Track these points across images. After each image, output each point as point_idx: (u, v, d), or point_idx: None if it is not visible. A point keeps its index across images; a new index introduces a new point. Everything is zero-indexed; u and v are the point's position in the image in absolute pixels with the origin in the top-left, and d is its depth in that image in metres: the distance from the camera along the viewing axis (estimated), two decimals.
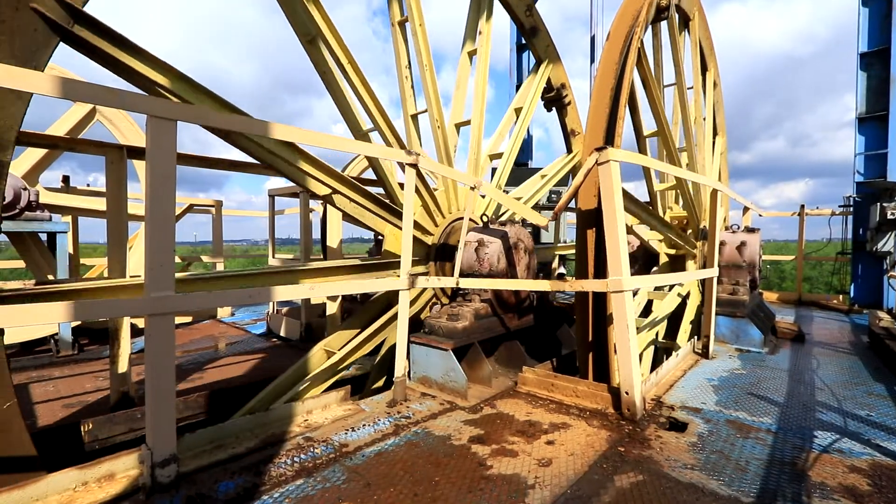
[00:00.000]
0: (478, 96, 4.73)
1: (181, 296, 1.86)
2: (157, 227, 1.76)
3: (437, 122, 4.36)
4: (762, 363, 4.04)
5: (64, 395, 4.10)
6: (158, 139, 1.75)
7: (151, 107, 1.73)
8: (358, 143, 3.29)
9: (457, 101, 5.07)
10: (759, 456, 2.28)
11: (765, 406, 2.98)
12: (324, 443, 2.33)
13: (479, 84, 4.75)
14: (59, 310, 1.62)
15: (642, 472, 2.09)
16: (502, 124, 5.65)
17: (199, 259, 9.02)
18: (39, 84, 1.55)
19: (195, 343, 6.06)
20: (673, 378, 3.52)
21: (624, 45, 3.64)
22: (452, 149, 4.72)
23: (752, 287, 5.22)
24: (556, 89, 5.97)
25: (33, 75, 1.55)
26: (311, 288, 2.52)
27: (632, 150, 3.45)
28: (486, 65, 4.69)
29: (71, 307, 1.62)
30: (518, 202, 4.22)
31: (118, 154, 3.75)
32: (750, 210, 5.89)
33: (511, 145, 5.31)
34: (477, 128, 4.74)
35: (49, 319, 1.67)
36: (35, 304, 1.58)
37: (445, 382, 3.22)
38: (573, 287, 3.05)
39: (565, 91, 5.99)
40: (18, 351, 5.57)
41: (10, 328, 3.85)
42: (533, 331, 4.36)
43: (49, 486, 1.75)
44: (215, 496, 1.83)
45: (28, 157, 6.50)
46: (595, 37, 9.11)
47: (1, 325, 1.52)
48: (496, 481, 1.99)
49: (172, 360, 1.83)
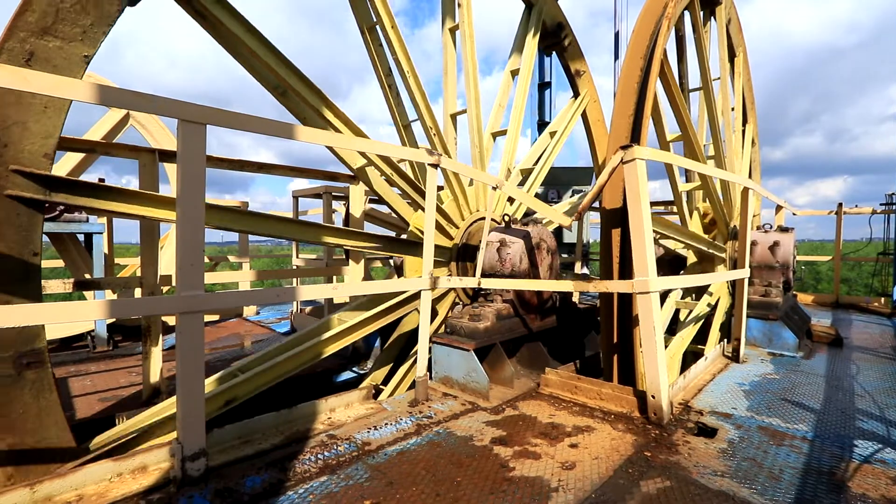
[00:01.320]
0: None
1: (210, 294, 1.91)
2: (187, 228, 1.81)
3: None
4: (797, 368, 3.88)
5: (100, 389, 4.26)
6: (189, 142, 1.80)
7: (182, 111, 1.78)
8: (382, 143, 3.32)
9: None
10: (794, 464, 2.19)
11: (800, 412, 2.86)
12: (347, 441, 2.36)
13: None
14: (96, 307, 1.69)
15: (669, 477, 2.03)
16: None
17: (225, 259, 9.25)
18: (79, 91, 1.62)
19: (222, 341, 6.23)
20: (701, 382, 3.42)
21: (650, 39, 3.55)
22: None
23: (786, 289, 5.03)
24: (552, 31, 5.75)
25: (74, 83, 1.62)
26: (334, 288, 2.55)
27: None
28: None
29: (107, 305, 1.68)
30: (542, 202, 4.17)
31: (150, 157, 3.89)
32: (783, 209, 5.67)
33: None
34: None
35: (87, 317, 1.74)
36: (75, 302, 1.65)
37: (467, 383, 3.21)
38: (597, 288, 2.99)
39: (564, 31, 5.80)
40: (58, 346, 5.84)
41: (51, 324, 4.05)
42: (556, 332, 4.31)
43: (87, 476, 1.83)
44: (242, 490, 1.87)
45: (67, 161, 6.80)
46: (619, 33, 8.95)
47: (45, 321, 1.59)
48: (519, 483, 1.98)
49: (202, 357, 1.88)
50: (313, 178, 5.89)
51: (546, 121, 9.96)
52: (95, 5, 2.17)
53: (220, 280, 5.85)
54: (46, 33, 2.06)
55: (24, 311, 1.53)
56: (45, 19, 2.05)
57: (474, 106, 4.61)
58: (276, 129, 2.16)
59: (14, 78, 1.48)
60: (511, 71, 5.38)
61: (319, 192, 6.82)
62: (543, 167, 5.43)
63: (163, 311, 1.93)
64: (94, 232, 5.75)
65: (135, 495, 1.78)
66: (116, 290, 5.13)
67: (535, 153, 5.80)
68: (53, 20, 2.06)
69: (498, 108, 5.36)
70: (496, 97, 5.44)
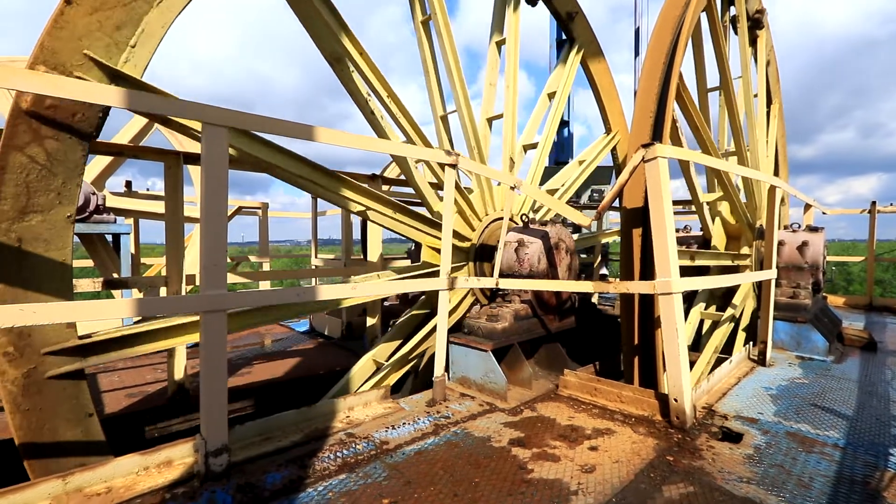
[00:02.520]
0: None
1: (233, 293, 1.95)
2: (210, 229, 1.84)
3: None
4: (827, 372, 3.74)
5: (127, 385, 4.40)
6: (212, 145, 1.84)
7: (205, 114, 1.82)
8: (399, 144, 3.33)
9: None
10: (824, 472, 2.11)
11: (831, 419, 2.76)
12: (365, 439, 2.37)
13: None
14: (124, 305, 1.74)
15: (693, 483, 1.99)
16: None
17: (246, 259, 9.43)
18: (110, 97, 1.67)
19: (243, 339, 6.35)
20: (726, 386, 3.33)
21: (673, 34, 3.48)
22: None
23: (816, 290, 4.86)
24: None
25: (105, 89, 1.68)
26: (353, 288, 2.57)
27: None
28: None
29: (135, 303, 1.73)
30: (559, 201, 4.12)
31: (175, 160, 3.98)
32: (812, 208, 5.49)
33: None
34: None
35: (116, 314, 1.79)
36: (105, 301, 1.70)
37: (485, 383, 3.19)
38: (618, 289, 2.95)
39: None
40: None
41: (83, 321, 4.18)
42: (574, 333, 4.26)
43: (116, 469, 1.89)
44: (263, 486, 1.90)
45: (96, 165, 7.03)
46: (640, 29, 8.80)
47: (77, 318, 1.65)
48: (537, 485, 1.96)
49: (224, 355, 1.92)
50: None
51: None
52: (61, 162, 2.10)
53: (241, 280, 5.97)
54: (25, 213, 2.03)
55: (58, 309, 1.59)
56: (19, 201, 2.01)
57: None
58: (297, 132, 2.19)
59: (50, 85, 1.54)
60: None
61: None
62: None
63: (187, 310, 1.97)
64: (122, 233, 5.94)
65: (160, 489, 1.83)
66: (143, 288, 5.28)
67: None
68: (27, 198, 2.03)
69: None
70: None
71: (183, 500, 1.77)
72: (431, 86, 4.28)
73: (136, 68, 2.26)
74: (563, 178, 5.57)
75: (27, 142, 2.00)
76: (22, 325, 1.61)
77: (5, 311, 1.48)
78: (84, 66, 2.09)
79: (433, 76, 4.24)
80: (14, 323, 1.49)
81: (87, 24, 2.08)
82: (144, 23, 2.25)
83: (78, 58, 2.07)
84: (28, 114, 1.98)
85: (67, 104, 2.05)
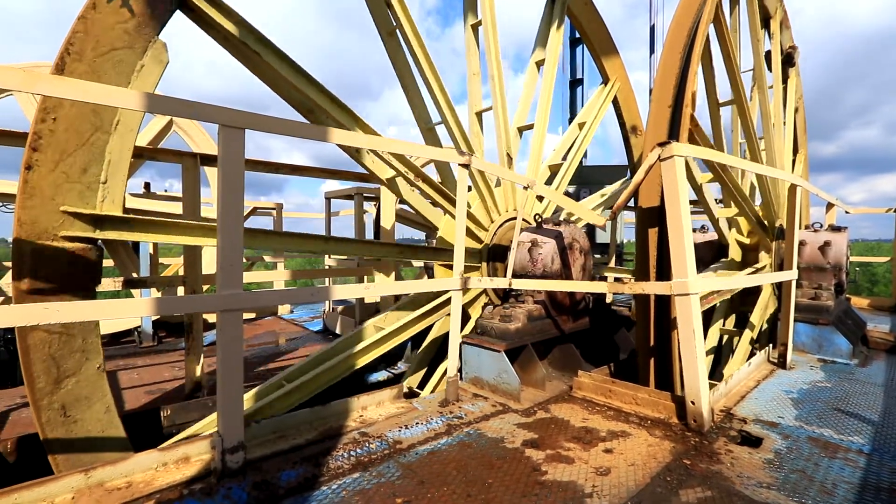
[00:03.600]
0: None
1: (249, 293, 1.97)
2: (227, 230, 1.87)
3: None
4: (851, 376, 3.64)
5: (146, 382, 4.49)
6: (229, 146, 1.87)
7: (222, 116, 1.85)
8: (412, 144, 3.34)
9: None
10: (848, 479, 2.05)
11: (855, 424, 2.68)
12: (378, 438, 2.38)
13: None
14: (143, 304, 1.77)
15: (711, 487, 1.95)
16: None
17: (261, 259, 9.56)
18: (130, 100, 1.71)
19: (258, 338, 6.44)
20: (745, 389, 3.26)
21: (690, 30, 3.41)
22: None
23: (838, 292, 4.73)
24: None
25: (125, 93, 1.71)
26: (366, 288, 2.59)
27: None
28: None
29: (153, 302, 1.76)
30: (574, 201, 4.09)
31: (192, 161, 4.06)
32: (835, 207, 5.34)
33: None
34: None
35: (135, 313, 1.83)
36: (124, 300, 1.74)
37: (498, 384, 3.18)
38: (633, 289, 2.91)
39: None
40: (108, 341, 6.19)
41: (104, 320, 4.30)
42: (589, 334, 4.21)
43: (136, 464, 1.92)
44: (278, 484, 1.92)
45: None
46: (655, 26, 8.67)
47: (99, 316, 1.68)
48: (551, 487, 1.94)
49: (241, 353, 1.94)
50: (345, 179, 6.00)
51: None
52: (75, 324, 2.19)
53: (256, 279, 6.04)
54: (59, 383, 2.18)
55: (81, 307, 1.62)
56: (50, 374, 2.16)
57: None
58: (312, 133, 2.21)
59: (73, 90, 1.58)
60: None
61: (351, 194, 6.94)
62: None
63: (204, 309, 2.00)
64: None
65: (178, 484, 1.86)
66: (161, 288, 5.39)
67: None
68: (56, 369, 2.16)
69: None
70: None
71: (200, 496, 1.80)
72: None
73: (115, 202, 2.31)
74: (564, 146, 5.58)
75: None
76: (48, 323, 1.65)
77: (30, 309, 1.52)
78: (65, 223, 2.13)
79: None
80: (40, 321, 1.53)
81: (53, 180, 2.10)
82: (108, 153, 2.27)
83: (57, 218, 2.11)
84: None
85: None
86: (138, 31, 2.28)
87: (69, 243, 2.18)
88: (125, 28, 2.23)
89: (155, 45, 2.36)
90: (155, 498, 1.78)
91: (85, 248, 2.22)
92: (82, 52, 2.12)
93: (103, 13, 2.16)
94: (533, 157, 4.86)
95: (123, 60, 2.25)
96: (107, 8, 2.16)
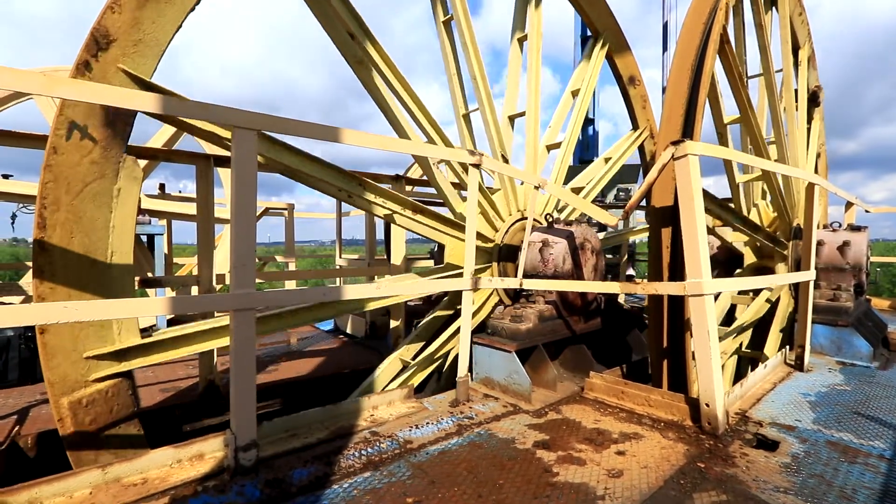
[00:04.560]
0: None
1: (261, 292, 1.99)
2: (240, 230, 1.89)
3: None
4: (871, 379, 3.55)
5: (161, 380, 4.56)
6: (242, 148, 1.89)
7: (235, 118, 1.87)
8: (423, 144, 3.35)
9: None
10: (869, 484, 2.00)
11: (876, 428, 2.61)
12: (389, 438, 2.39)
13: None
14: (159, 303, 1.80)
15: (726, 491, 1.92)
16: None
17: (273, 259, 9.65)
18: (145, 103, 1.74)
19: (270, 337, 6.49)
20: (760, 391, 3.20)
21: (704, 27, 3.36)
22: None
23: (858, 293, 4.62)
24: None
25: (141, 95, 1.74)
26: (377, 288, 2.60)
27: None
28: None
29: (169, 301, 1.79)
30: (585, 201, 4.05)
31: (206, 163, 4.11)
32: (854, 206, 5.22)
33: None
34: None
35: (151, 312, 1.86)
36: (140, 299, 1.77)
37: (508, 385, 3.17)
38: (646, 290, 2.87)
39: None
40: None
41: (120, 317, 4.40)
42: (600, 334, 4.18)
43: (151, 461, 1.96)
44: (290, 482, 1.94)
45: None
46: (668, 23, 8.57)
47: (116, 315, 1.72)
48: (563, 489, 1.93)
49: (253, 353, 1.96)
50: None
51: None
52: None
53: (268, 279, 6.10)
54: None
55: (98, 307, 1.66)
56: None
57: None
58: (323, 133, 2.22)
59: (89, 93, 1.61)
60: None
61: None
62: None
63: (218, 308, 2.03)
64: (156, 233, 6.19)
65: (192, 481, 1.89)
66: (175, 287, 5.47)
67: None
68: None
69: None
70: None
71: (213, 493, 1.83)
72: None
73: (130, 330, 2.46)
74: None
75: None
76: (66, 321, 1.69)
77: (49, 308, 1.55)
78: (92, 367, 2.29)
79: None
80: (58, 319, 1.56)
81: (69, 333, 2.22)
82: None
83: (83, 366, 2.26)
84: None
85: None
86: (105, 158, 2.26)
87: (101, 384, 2.31)
88: (91, 159, 2.21)
89: (125, 163, 2.35)
90: (170, 494, 1.80)
91: (118, 383, 2.38)
92: (58, 200, 2.13)
93: (66, 153, 2.14)
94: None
95: (99, 192, 2.26)
96: (68, 147, 2.14)
